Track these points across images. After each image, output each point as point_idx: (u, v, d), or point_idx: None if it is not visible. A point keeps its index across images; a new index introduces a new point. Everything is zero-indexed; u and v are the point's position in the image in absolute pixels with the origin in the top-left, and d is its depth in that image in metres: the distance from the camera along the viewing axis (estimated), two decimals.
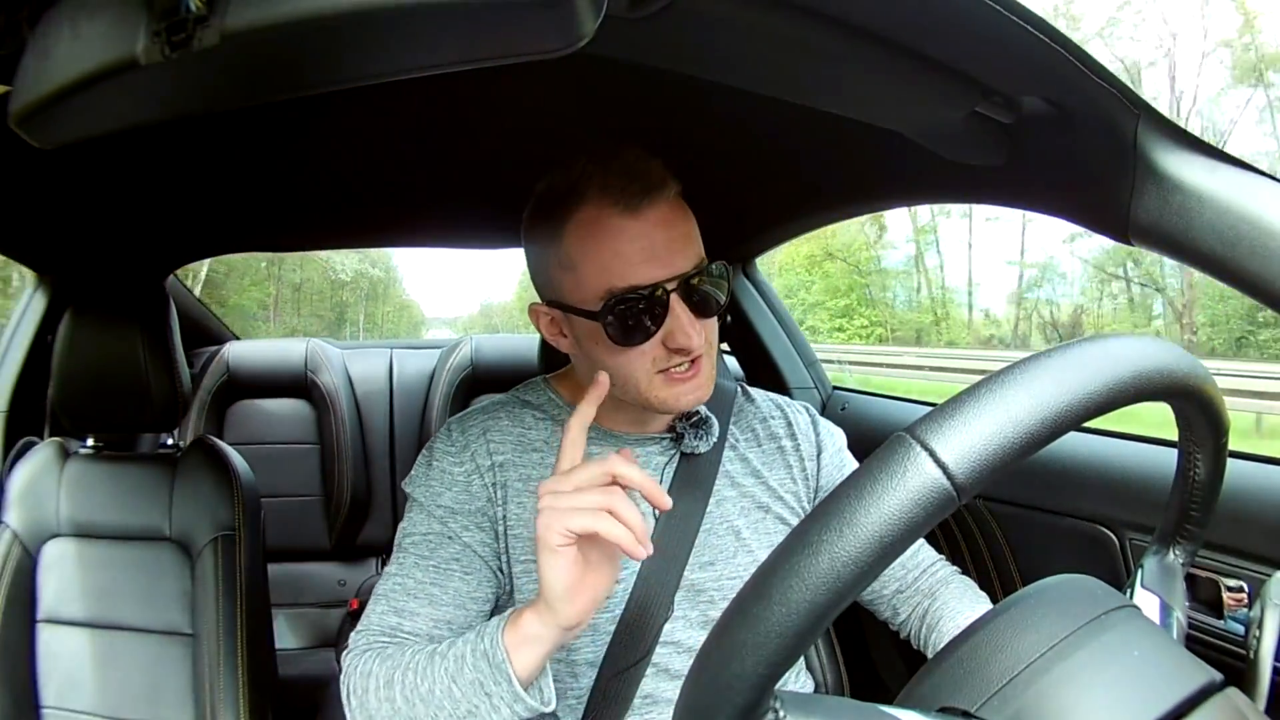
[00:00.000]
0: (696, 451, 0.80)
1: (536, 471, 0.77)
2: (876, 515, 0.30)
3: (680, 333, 0.68)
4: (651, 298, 0.68)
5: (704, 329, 0.71)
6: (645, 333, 0.69)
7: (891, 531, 0.30)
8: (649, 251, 0.67)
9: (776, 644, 0.30)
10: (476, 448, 0.78)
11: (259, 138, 0.97)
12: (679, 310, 0.68)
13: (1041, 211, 0.75)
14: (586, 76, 0.82)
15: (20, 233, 1.17)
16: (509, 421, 0.80)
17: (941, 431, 0.31)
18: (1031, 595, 0.41)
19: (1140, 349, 0.36)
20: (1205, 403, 0.43)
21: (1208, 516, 0.49)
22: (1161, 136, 0.57)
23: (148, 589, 1.04)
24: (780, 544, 0.33)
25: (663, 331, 0.69)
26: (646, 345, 0.69)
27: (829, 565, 0.30)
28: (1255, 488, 0.75)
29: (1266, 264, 0.53)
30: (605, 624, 0.76)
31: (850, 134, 0.83)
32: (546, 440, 0.80)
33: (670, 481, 0.80)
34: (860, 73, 0.57)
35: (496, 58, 0.39)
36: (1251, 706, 0.37)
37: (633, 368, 0.70)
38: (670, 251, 0.68)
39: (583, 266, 0.69)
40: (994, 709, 0.36)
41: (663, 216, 0.68)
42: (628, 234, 0.67)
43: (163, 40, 0.34)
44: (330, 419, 1.99)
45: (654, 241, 0.67)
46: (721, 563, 0.79)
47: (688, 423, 0.81)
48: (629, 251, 0.67)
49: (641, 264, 0.67)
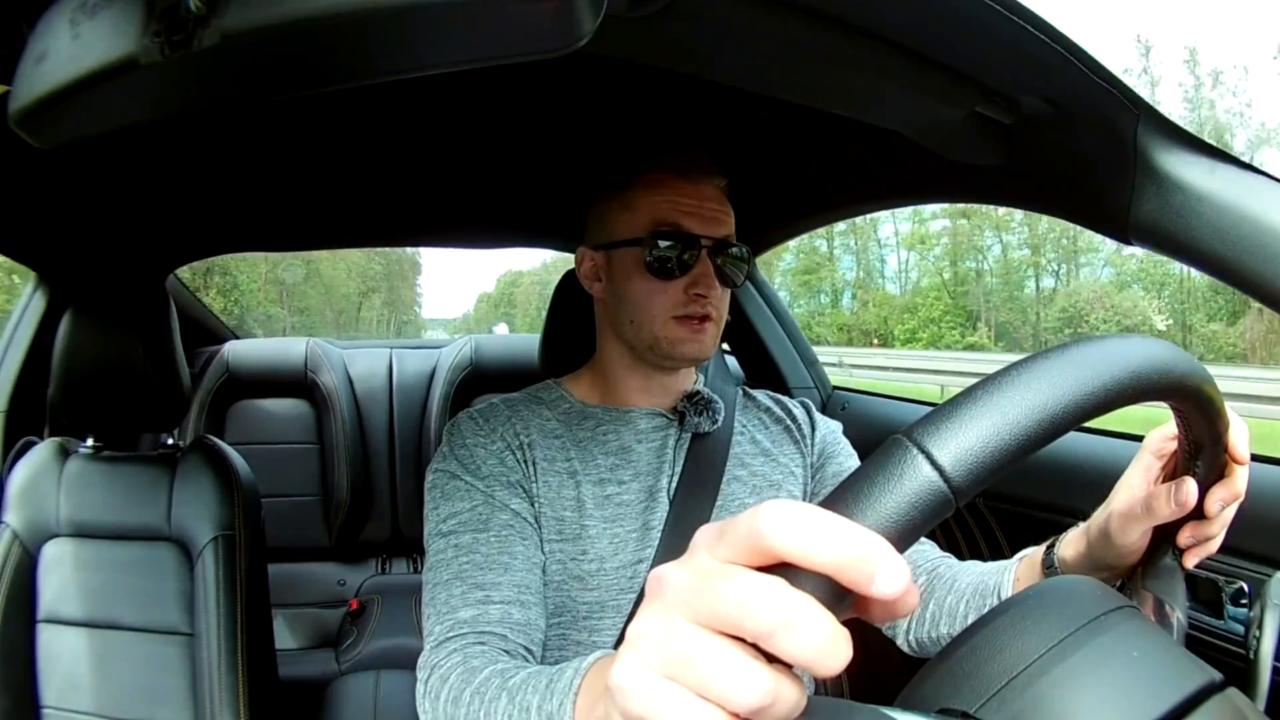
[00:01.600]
0: (703, 430, 0.84)
1: (560, 455, 0.80)
2: (873, 519, 0.29)
3: (703, 282, 0.78)
4: (688, 245, 0.78)
5: (719, 297, 0.80)
6: (674, 271, 0.79)
7: (888, 535, 0.29)
8: (697, 209, 0.79)
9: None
10: (505, 429, 0.80)
11: (259, 137, 0.98)
12: (706, 265, 0.79)
13: (1042, 211, 0.75)
14: (586, 76, 0.82)
15: (20, 233, 1.18)
16: (528, 411, 0.83)
17: (938, 434, 0.31)
18: (1031, 596, 0.41)
19: (1139, 349, 0.36)
20: (1205, 403, 0.43)
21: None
22: (1161, 136, 0.57)
23: (148, 589, 1.04)
24: None
25: (688, 278, 0.79)
26: (671, 285, 0.79)
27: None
28: (1255, 488, 0.74)
29: (1266, 264, 0.53)
30: (626, 605, 0.77)
31: (850, 134, 0.83)
32: (563, 432, 0.83)
33: (682, 463, 0.83)
34: (860, 73, 0.57)
35: (496, 58, 0.39)
36: (1251, 706, 0.37)
37: (655, 301, 0.79)
38: (712, 219, 0.80)
39: (642, 206, 0.80)
40: (993, 710, 0.36)
41: (711, 194, 0.81)
42: (684, 191, 0.79)
43: (163, 40, 0.34)
44: (330, 419, 1.99)
45: (703, 205, 0.79)
46: None
47: (689, 402, 0.84)
48: (683, 203, 0.79)
49: (689, 215, 0.79)
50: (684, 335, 0.79)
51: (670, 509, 0.80)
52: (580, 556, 0.77)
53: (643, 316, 0.80)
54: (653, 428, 0.84)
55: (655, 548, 0.78)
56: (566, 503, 0.78)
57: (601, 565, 0.77)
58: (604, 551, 0.77)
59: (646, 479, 0.81)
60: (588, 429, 0.83)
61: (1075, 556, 0.60)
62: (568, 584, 0.77)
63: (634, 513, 0.80)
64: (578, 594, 0.77)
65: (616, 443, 0.83)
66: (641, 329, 0.81)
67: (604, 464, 0.81)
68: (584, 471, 0.80)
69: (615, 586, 0.77)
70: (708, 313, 0.79)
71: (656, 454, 0.83)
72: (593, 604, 0.77)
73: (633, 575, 0.78)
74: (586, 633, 0.77)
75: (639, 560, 0.78)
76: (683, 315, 0.79)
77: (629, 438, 0.83)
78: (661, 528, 0.79)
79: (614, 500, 0.80)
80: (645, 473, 0.82)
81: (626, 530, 0.79)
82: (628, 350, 0.84)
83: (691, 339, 0.79)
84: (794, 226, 1.36)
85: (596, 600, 0.77)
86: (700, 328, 0.79)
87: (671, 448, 0.84)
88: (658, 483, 0.81)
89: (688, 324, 0.79)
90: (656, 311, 0.79)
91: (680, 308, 0.79)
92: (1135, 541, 0.54)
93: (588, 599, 0.77)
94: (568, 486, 0.79)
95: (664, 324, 0.79)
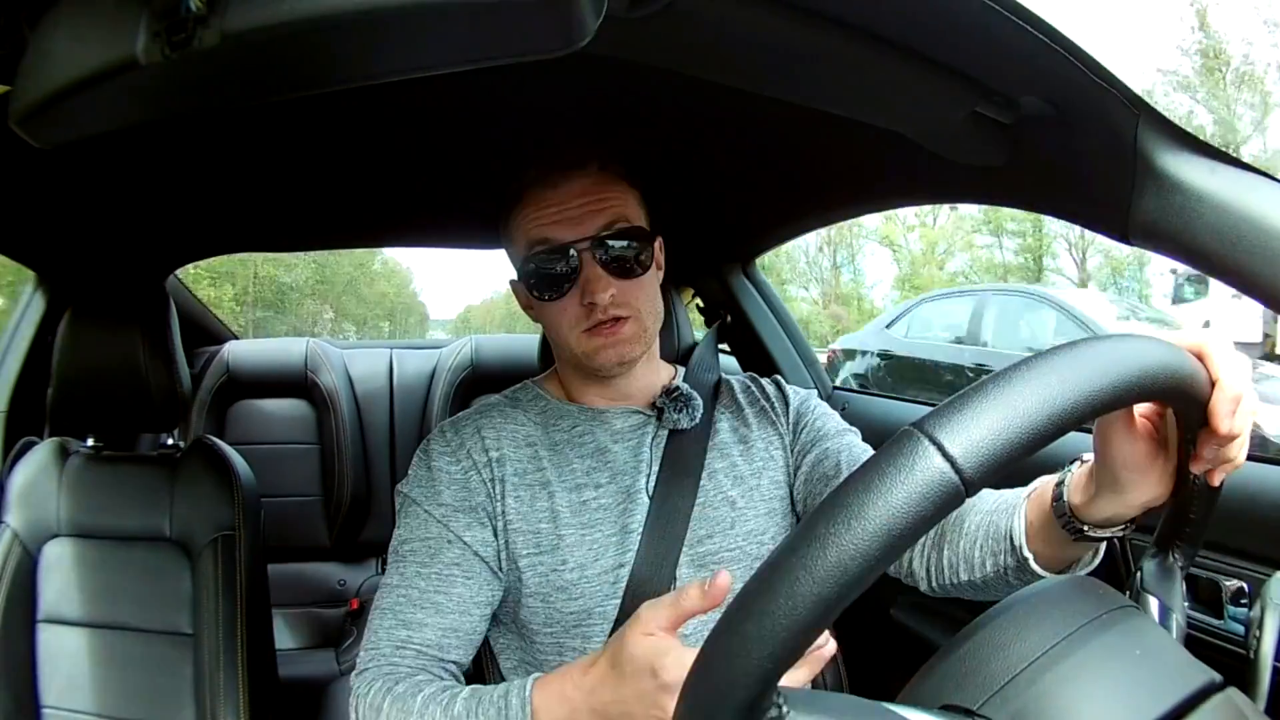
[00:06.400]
0: (680, 426, 0.83)
1: (532, 465, 0.80)
2: (884, 508, 0.30)
3: (590, 287, 0.76)
4: (565, 256, 0.76)
5: (625, 292, 0.77)
6: (561, 287, 0.77)
7: (899, 524, 0.29)
8: (561, 214, 0.77)
9: (782, 638, 0.30)
10: (472, 445, 0.80)
11: (259, 138, 0.97)
12: (590, 268, 0.76)
13: (1041, 211, 0.75)
14: (586, 76, 0.82)
15: (20, 233, 1.18)
16: (501, 419, 0.83)
17: (950, 425, 0.31)
18: (1033, 594, 0.41)
19: (1147, 349, 0.37)
20: (1207, 405, 0.43)
21: (1207, 521, 0.49)
22: (1161, 136, 0.57)
23: (148, 589, 1.03)
24: (786, 538, 0.33)
25: (578, 288, 0.77)
26: (566, 301, 0.78)
27: (836, 558, 0.29)
28: (1255, 488, 0.75)
29: (1266, 264, 0.53)
30: (610, 611, 0.76)
31: (850, 134, 0.83)
32: (539, 436, 0.82)
33: (660, 460, 0.82)
34: (860, 73, 0.57)
35: (497, 58, 0.39)
36: (1251, 706, 0.38)
37: (559, 322, 0.79)
38: (583, 215, 0.77)
39: (517, 235, 0.80)
40: (995, 707, 0.36)
41: (579, 189, 0.78)
42: (545, 200, 0.78)
43: (163, 40, 0.34)
44: (330, 419, 1.99)
45: (567, 208, 0.77)
46: (719, 535, 0.81)
47: (668, 398, 0.84)
48: (544, 215, 0.77)
49: (553, 224, 0.77)
50: (598, 344, 0.78)
51: (650, 507, 0.79)
52: (560, 567, 0.76)
53: (557, 337, 0.81)
54: (629, 427, 0.84)
55: (635, 550, 0.77)
56: (541, 514, 0.78)
57: (583, 573, 0.76)
58: (584, 559, 0.76)
59: (624, 479, 0.80)
60: (564, 429, 0.83)
61: (1086, 502, 0.56)
62: (552, 596, 0.76)
63: (611, 516, 0.79)
64: (563, 604, 0.76)
65: (593, 444, 0.82)
66: (564, 348, 0.81)
67: (579, 468, 0.80)
68: (558, 480, 0.79)
69: (599, 593, 0.76)
70: (614, 315, 0.77)
71: (634, 453, 0.82)
72: (580, 612, 0.76)
73: (615, 580, 0.76)
74: (580, 639, 0.77)
75: (620, 565, 0.77)
76: (589, 327, 0.77)
77: (605, 439, 0.82)
78: (641, 529, 0.78)
79: (591, 506, 0.79)
80: (623, 473, 0.81)
81: (605, 535, 0.78)
82: (572, 366, 0.84)
83: (607, 345, 0.77)
84: (793, 227, 1.36)
85: (583, 608, 0.76)
86: (613, 331, 0.77)
87: (649, 446, 0.83)
88: (635, 483, 0.80)
89: (598, 333, 0.77)
90: (565, 330, 0.79)
91: (583, 320, 0.77)
92: (1151, 491, 0.51)
93: (573, 608, 0.76)
94: (540, 498, 0.78)
95: (577, 339, 0.78)
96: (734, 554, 0.80)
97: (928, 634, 1.15)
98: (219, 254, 1.64)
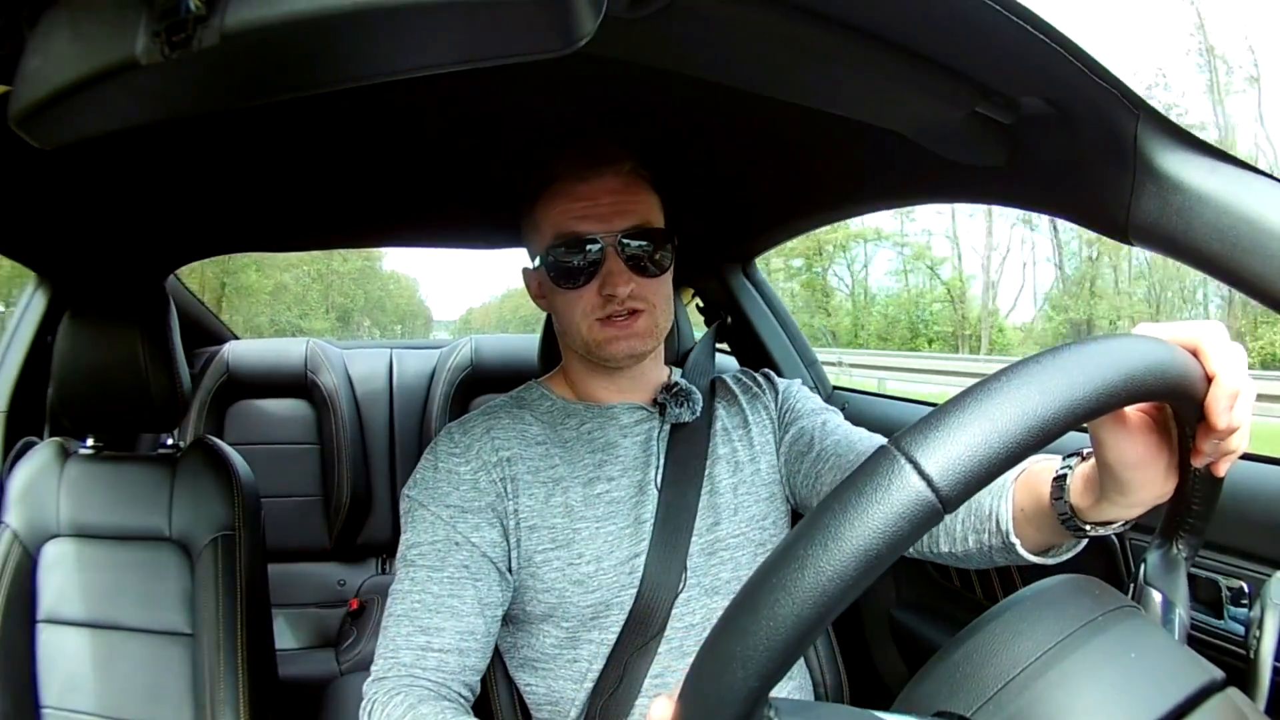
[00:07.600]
0: (683, 420, 0.85)
1: (545, 462, 0.81)
2: (861, 530, 0.30)
3: (611, 280, 0.78)
4: (589, 248, 0.78)
5: (643, 287, 0.79)
6: (582, 277, 0.79)
7: (875, 546, 0.29)
8: (591, 209, 0.78)
9: (765, 657, 0.30)
10: (481, 446, 0.81)
11: (259, 138, 0.97)
12: (612, 262, 0.78)
13: (1042, 211, 0.75)
14: (586, 76, 0.82)
15: (20, 233, 1.17)
16: (510, 420, 0.84)
17: (926, 443, 0.31)
18: (1029, 597, 0.41)
19: (1133, 350, 0.36)
20: (1204, 401, 0.42)
21: (1210, 510, 0.49)
22: (1161, 136, 0.57)
23: (148, 589, 1.03)
24: (767, 557, 0.33)
25: (598, 280, 0.78)
26: (584, 290, 0.79)
27: (814, 580, 0.30)
28: (1255, 488, 0.74)
29: (1266, 264, 0.53)
30: (627, 602, 0.78)
31: (850, 134, 0.83)
32: (548, 434, 0.84)
33: (665, 453, 0.84)
34: (860, 73, 0.57)
35: (496, 58, 0.39)
36: (1251, 706, 0.37)
37: (573, 309, 0.80)
38: (612, 213, 0.79)
39: (544, 222, 0.81)
40: (990, 713, 0.36)
41: (611, 186, 0.79)
42: (578, 194, 0.79)
43: (163, 40, 0.34)
44: (330, 419, 1.99)
45: (598, 203, 0.79)
46: (725, 522, 0.83)
47: (669, 393, 0.85)
48: (575, 208, 0.79)
49: (583, 218, 0.79)
50: (611, 335, 0.79)
51: (659, 499, 0.81)
52: (577, 560, 0.77)
53: (569, 325, 0.82)
54: (635, 421, 0.86)
55: (649, 540, 0.79)
56: (555, 510, 0.79)
57: (599, 565, 0.77)
58: (600, 551, 0.78)
59: (635, 473, 0.82)
60: (572, 427, 0.84)
61: (1091, 505, 0.55)
62: (568, 590, 0.77)
63: (625, 509, 0.80)
64: (579, 598, 0.77)
65: (602, 439, 0.83)
66: (574, 337, 0.82)
67: (590, 461, 0.82)
68: (571, 475, 0.81)
69: (615, 584, 0.78)
70: (630, 308, 0.79)
71: (642, 447, 0.84)
72: (597, 605, 0.78)
73: (631, 571, 0.78)
74: (598, 630, 0.78)
75: (635, 554, 0.79)
76: (604, 317, 0.79)
77: (614, 433, 0.84)
78: (652, 520, 0.80)
79: (604, 498, 0.80)
80: (633, 467, 0.83)
81: (620, 527, 0.79)
82: (579, 357, 0.85)
83: (619, 337, 0.79)
84: (793, 227, 1.36)
85: (600, 600, 0.78)
86: (627, 324, 0.79)
87: (655, 439, 0.85)
88: (645, 476, 0.82)
89: (612, 324, 0.79)
90: (579, 318, 0.80)
91: (599, 310, 0.79)
92: (1158, 489, 0.50)
93: (590, 600, 0.77)
94: (555, 494, 0.79)
95: (589, 328, 0.80)
96: (739, 540, 0.83)
97: (928, 634, 1.15)
98: (219, 254, 1.63)
